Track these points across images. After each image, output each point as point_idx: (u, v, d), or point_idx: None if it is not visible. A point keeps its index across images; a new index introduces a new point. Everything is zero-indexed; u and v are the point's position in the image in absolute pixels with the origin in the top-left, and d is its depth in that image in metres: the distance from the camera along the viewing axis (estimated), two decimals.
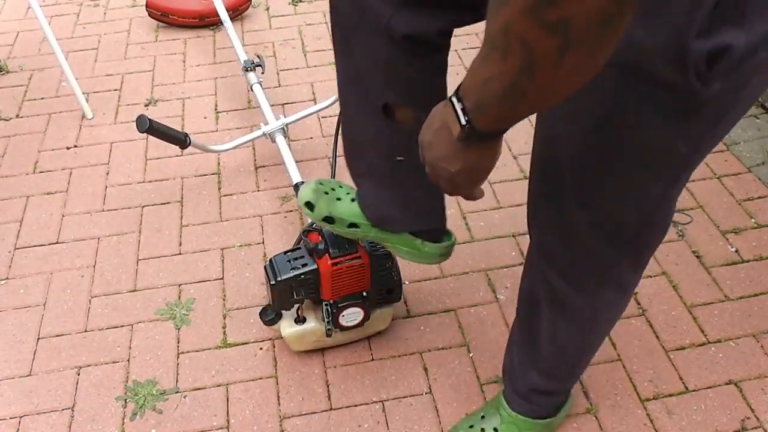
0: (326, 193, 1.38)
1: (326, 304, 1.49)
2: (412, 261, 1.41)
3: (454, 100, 0.80)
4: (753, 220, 1.92)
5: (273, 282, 1.45)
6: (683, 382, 1.56)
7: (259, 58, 2.16)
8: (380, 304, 1.58)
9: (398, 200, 1.31)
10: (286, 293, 1.48)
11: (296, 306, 1.54)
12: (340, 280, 1.47)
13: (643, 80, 0.81)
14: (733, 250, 1.84)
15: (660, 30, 0.74)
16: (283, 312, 1.56)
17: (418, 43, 1.06)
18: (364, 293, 1.51)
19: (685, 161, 0.92)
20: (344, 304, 1.50)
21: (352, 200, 1.35)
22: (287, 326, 1.56)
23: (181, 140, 1.78)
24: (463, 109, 0.79)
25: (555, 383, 1.35)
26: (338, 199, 1.36)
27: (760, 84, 0.86)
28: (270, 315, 1.55)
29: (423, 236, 1.37)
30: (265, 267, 1.49)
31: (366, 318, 1.54)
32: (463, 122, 0.79)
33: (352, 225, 1.35)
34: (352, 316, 1.52)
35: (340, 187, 1.40)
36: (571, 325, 1.21)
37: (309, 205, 1.35)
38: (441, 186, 0.92)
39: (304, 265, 1.46)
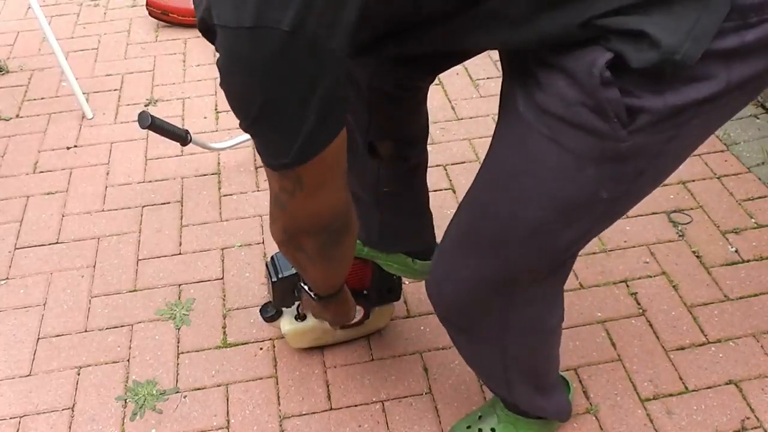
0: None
1: None
2: (404, 276, 1.49)
3: (303, 285, 1.29)
4: (753, 220, 1.92)
5: (275, 279, 1.46)
6: (683, 382, 1.56)
7: None
8: (380, 303, 1.58)
9: (386, 226, 1.37)
10: (288, 291, 1.48)
11: (297, 303, 1.54)
12: None
13: (571, 129, 0.83)
14: (733, 250, 1.84)
15: (575, 82, 0.80)
16: (284, 309, 1.56)
17: (401, 90, 1.17)
18: (364, 291, 1.51)
19: (607, 207, 0.92)
20: None
21: None
22: (287, 323, 1.56)
23: (182, 137, 1.78)
24: (309, 289, 1.26)
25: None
26: None
27: (702, 126, 0.87)
28: (270, 312, 1.55)
29: (413, 255, 1.43)
30: (266, 264, 1.49)
31: (366, 316, 1.54)
32: (313, 296, 1.26)
33: None
34: None
35: None
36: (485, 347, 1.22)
37: None
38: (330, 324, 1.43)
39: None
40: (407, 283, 1.77)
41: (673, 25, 0.74)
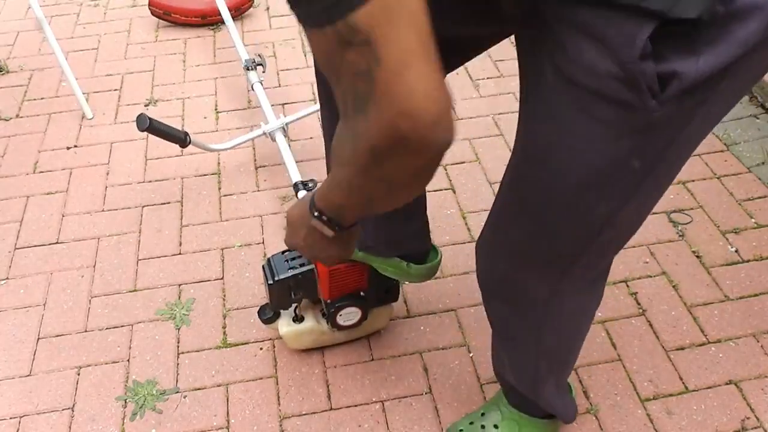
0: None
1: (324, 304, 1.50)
2: (399, 279, 1.48)
3: (318, 215, 0.95)
4: (753, 220, 1.92)
5: (271, 282, 1.46)
6: (683, 382, 1.56)
7: (260, 57, 2.16)
8: (378, 304, 1.58)
9: (380, 231, 1.36)
10: (284, 293, 1.48)
11: (294, 305, 1.54)
12: (337, 280, 1.47)
13: (601, 100, 0.82)
14: (733, 250, 1.84)
15: (607, 54, 0.77)
16: (281, 311, 1.56)
17: None
18: (362, 293, 1.51)
19: (638, 179, 0.91)
20: (342, 303, 1.50)
21: None
22: (285, 325, 1.56)
23: (181, 139, 1.78)
24: (329, 221, 0.94)
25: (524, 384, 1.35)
26: None
27: (725, 98, 0.86)
28: (268, 314, 1.55)
29: (407, 258, 1.43)
30: (263, 267, 1.49)
31: (364, 318, 1.54)
32: (335, 227, 0.96)
33: None
34: (349, 315, 1.52)
35: None
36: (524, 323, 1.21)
37: None
38: (323, 262, 1.13)
39: (302, 265, 1.47)
40: (407, 283, 1.77)
41: None
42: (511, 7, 0.89)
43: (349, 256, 1.14)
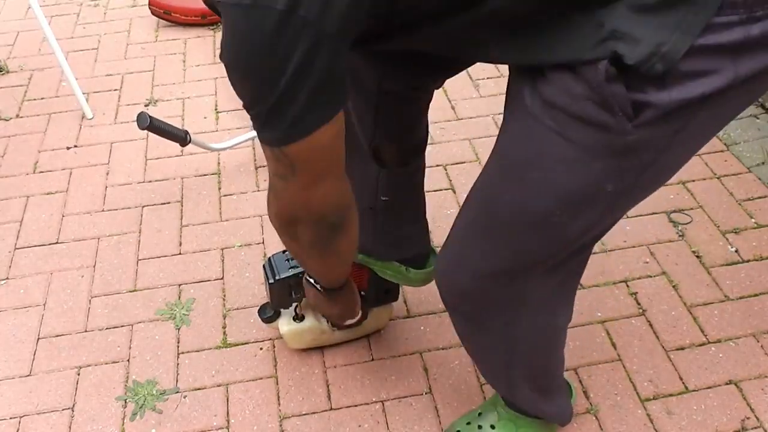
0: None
1: None
2: (398, 283, 1.50)
3: (308, 278, 1.27)
4: (753, 220, 1.92)
5: (271, 281, 1.46)
6: (683, 382, 1.56)
7: None
8: (378, 304, 1.58)
9: (381, 234, 1.38)
10: (285, 292, 1.48)
11: (294, 304, 1.54)
12: None
13: (577, 122, 0.84)
14: (733, 250, 1.84)
15: (579, 77, 0.81)
16: (282, 310, 1.56)
17: (409, 93, 1.18)
18: (362, 292, 1.51)
19: (613, 200, 0.92)
20: None
21: None
22: (285, 324, 1.56)
23: (181, 137, 1.78)
24: (317, 282, 1.24)
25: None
26: None
27: (710, 120, 0.87)
28: (268, 313, 1.55)
29: (407, 263, 1.45)
30: (263, 266, 1.49)
31: (363, 317, 1.54)
32: (320, 289, 1.24)
33: None
34: None
35: None
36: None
37: None
38: (335, 322, 1.49)
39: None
40: None
41: (656, 22, 0.76)
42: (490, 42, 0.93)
43: (353, 316, 1.37)
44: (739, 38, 0.76)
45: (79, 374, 1.62)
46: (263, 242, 1.90)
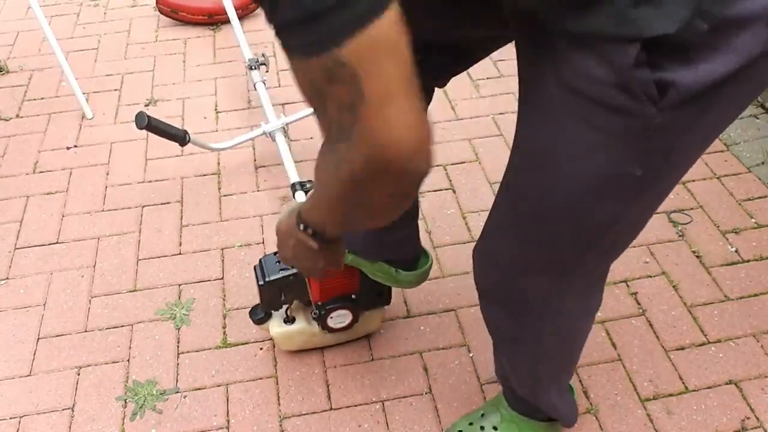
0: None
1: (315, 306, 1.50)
2: (388, 285, 1.49)
3: (304, 228, 0.99)
4: (753, 220, 1.92)
5: (261, 283, 1.46)
6: (683, 382, 1.56)
7: (263, 56, 2.16)
8: (369, 307, 1.57)
9: (372, 234, 1.37)
10: (275, 294, 1.48)
11: (285, 306, 1.54)
12: (328, 282, 1.46)
13: (601, 108, 0.82)
14: (733, 250, 1.84)
15: (604, 61, 0.78)
16: (273, 312, 1.56)
17: None
18: (353, 296, 1.51)
19: (641, 184, 0.90)
20: (332, 306, 1.50)
21: None
22: (276, 326, 1.56)
23: (180, 137, 1.78)
24: (313, 234, 0.98)
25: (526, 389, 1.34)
26: None
27: (729, 106, 0.85)
28: (259, 314, 1.55)
29: (397, 264, 1.44)
30: (254, 267, 1.49)
31: (355, 320, 1.54)
32: (318, 239, 0.99)
33: None
34: (340, 318, 1.52)
35: None
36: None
37: None
38: (316, 276, 1.17)
39: (293, 266, 1.46)
40: None
41: None
42: (511, 20, 0.89)
43: (338, 266, 1.15)
44: (765, 4, 0.72)
45: (79, 374, 1.62)
46: (263, 242, 1.90)
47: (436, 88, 1.24)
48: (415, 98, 0.68)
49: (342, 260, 1.16)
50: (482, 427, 1.40)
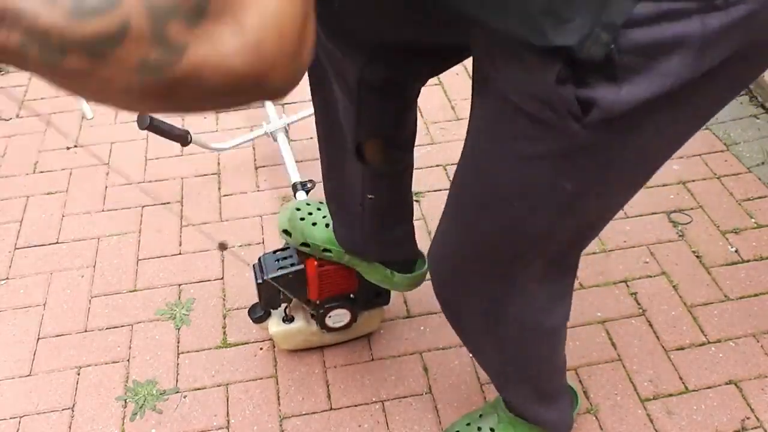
0: (302, 218, 1.45)
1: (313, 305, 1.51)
2: (383, 287, 1.49)
3: None
4: (753, 220, 1.92)
5: (260, 281, 1.45)
6: (683, 382, 1.56)
7: None
8: (368, 307, 1.57)
9: (368, 235, 1.37)
10: (273, 292, 1.48)
11: (284, 305, 1.54)
12: (326, 281, 1.46)
13: (526, 118, 0.81)
14: (733, 250, 1.84)
15: (530, 74, 0.77)
16: (272, 310, 1.56)
17: (391, 87, 1.13)
18: (352, 295, 1.51)
19: (573, 199, 0.89)
20: (331, 305, 1.50)
21: (327, 225, 1.42)
22: (275, 324, 1.56)
23: (182, 137, 1.78)
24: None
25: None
26: (314, 224, 1.43)
27: (669, 127, 0.82)
28: (258, 313, 1.55)
29: (393, 267, 1.44)
30: (253, 266, 1.49)
31: (353, 320, 1.54)
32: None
33: (326, 250, 1.42)
34: (338, 317, 1.52)
35: (318, 209, 1.47)
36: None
37: (286, 233, 1.44)
38: None
39: (292, 265, 1.46)
40: None
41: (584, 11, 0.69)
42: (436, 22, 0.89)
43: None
44: (696, 30, 0.69)
45: (79, 374, 1.62)
46: (263, 242, 1.90)
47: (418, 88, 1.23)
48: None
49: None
50: (479, 428, 1.40)
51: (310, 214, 1.46)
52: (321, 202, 1.47)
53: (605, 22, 0.69)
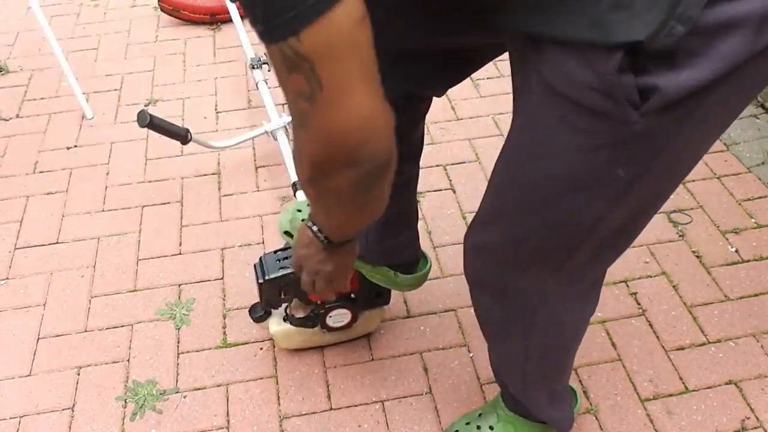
0: (303, 220, 1.45)
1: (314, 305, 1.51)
2: (386, 287, 1.50)
3: (311, 226, 1.04)
4: (753, 220, 1.92)
5: (261, 281, 1.46)
6: (683, 382, 1.56)
7: (266, 56, 2.17)
8: (368, 307, 1.57)
9: (372, 239, 1.38)
10: (274, 292, 1.48)
11: (285, 305, 1.54)
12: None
13: (582, 111, 0.82)
14: (733, 250, 1.84)
15: (587, 64, 0.77)
16: (272, 310, 1.56)
17: (406, 101, 1.14)
18: (352, 295, 1.51)
19: (624, 187, 0.90)
20: (331, 305, 1.50)
21: None
22: (275, 324, 1.56)
23: (182, 135, 1.78)
24: (319, 231, 1.03)
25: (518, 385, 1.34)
26: None
27: (721, 110, 0.84)
28: (259, 312, 1.55)
29: (397, 268, 1.45)
30: (254, 265, 1.49)
31: (353, 320, 1.54)
32: (323, 239, 1.04)
33: None
34: (339, 317, 1.52)
35: None
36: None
37: (288, 234, 1.46)
38: (321, 290, 1.15)
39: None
40: None
41: None
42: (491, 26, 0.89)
43: (343, 283, 1.17)
44: (756, 8, 0.71)
45: (79, 374, 1.62)
46: (263, 242, 1.90)
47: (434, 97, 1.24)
48: (372, 91, 0.73)
49: (347, 278, 1.17)
50: (479, 427, 1.40)
51: None
52: None
53: (681, 15, 0.70)
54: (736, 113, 0.89)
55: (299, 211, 1.47)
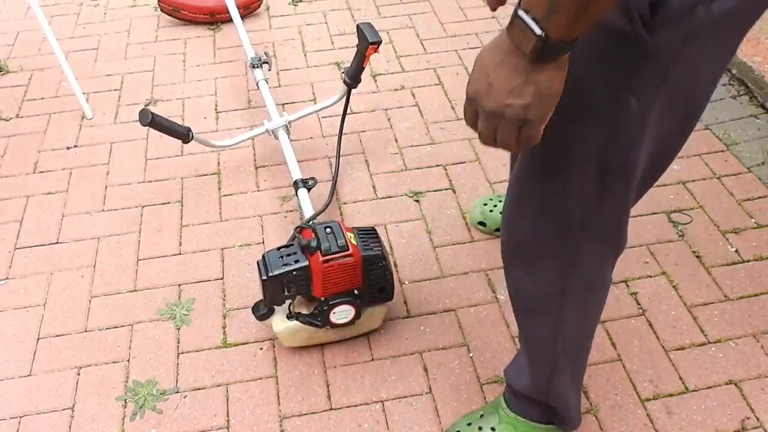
0: (491, 210, 1.82)
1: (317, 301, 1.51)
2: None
3: (522, 14, 0.75)
4: (753, 220, 1.92)
5: (264, 277, 1.46)
6: (683, 382, 1.56)
7: (266, 55, 2.17)
8: (372, 303, 1.58)
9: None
10: (278, 289, 1.48)
11: (288, 302, 1.54)
12: (331, 278, 1.47)
13: (599, 32, 0.83)
14: (733, 250, 1.84)
15: None
16: (276, 307, 1.56)
17: None
18: (356, 291, 1.51)
19: (637, 119, 0.92)
20: (335, 301, 1.50)
21: None
22: (279, 321, 1.56)
23: (183, 134, 1.78)
24: (534, 19, 0.74)
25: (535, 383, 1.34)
26: (501, 213, 1.42)
27: (717, 41, 0.88)
28: (262, 310, 1.56)
29: None
30: (257, 262, 1.50)
31: (357, 316, 1.55)
32: (539, 32, 0.74)
33: None
34: (342, 313, 1.53)
35: (500, 200, 1.60)
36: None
37: (482, 224, 1.80)
38: (503, 139, 0.84)
39: (296, 262, 1.47)
40: (407, 283, 1.77)
41: None
42: None
43: (539, 118, 0.82)
44: None
45: (79, 374, 1.62)
46: (263, 242, 1.90)
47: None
48: None
49: (545, 119, 0.83)
50: (480, 428, 1.40)
51: (495, 206, 1.83)
52: (500, 196, 1.81)
53: None
54: (737, 42, 0.93)
55: (485, 204, 1.64)
